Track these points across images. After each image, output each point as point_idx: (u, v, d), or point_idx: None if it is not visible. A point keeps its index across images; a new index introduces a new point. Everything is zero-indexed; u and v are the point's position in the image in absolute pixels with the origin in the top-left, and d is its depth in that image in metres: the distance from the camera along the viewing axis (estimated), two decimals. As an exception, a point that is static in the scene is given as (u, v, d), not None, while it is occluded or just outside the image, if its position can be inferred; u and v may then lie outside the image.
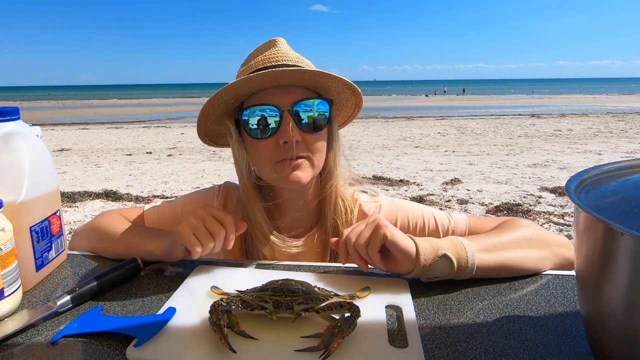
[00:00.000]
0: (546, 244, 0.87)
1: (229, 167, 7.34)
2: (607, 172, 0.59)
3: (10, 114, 0.81)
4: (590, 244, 0.48)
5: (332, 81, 0.94)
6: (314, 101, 0.93)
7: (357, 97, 1.02)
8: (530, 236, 0.87)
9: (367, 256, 0.78)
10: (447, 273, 0.78)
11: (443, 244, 0.78)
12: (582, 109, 19.67)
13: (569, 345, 0.62)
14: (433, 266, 0.76)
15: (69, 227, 4.14)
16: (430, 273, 0.77)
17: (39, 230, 0.83)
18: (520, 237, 0.86)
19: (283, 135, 0.90)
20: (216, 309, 0.64)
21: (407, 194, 5.33)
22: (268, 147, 0.93)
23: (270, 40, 1.01)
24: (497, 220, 0.99)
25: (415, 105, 27.09)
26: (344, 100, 1.03)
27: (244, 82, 0.87)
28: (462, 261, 0.77)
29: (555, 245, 0.88)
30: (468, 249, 0.78)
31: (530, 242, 0.85)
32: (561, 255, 0.87)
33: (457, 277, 0.79)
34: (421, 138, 10.93)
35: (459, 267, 0.77)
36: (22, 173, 0.79)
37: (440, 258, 0.76)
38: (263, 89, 0.93)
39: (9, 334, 0.65)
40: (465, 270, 0.78)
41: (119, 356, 0.60)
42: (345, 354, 0.58)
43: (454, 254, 0.77)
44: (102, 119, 20.11)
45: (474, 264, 0.78)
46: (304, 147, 0.93)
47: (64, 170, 7.32)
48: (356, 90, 0.98)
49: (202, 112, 0.94)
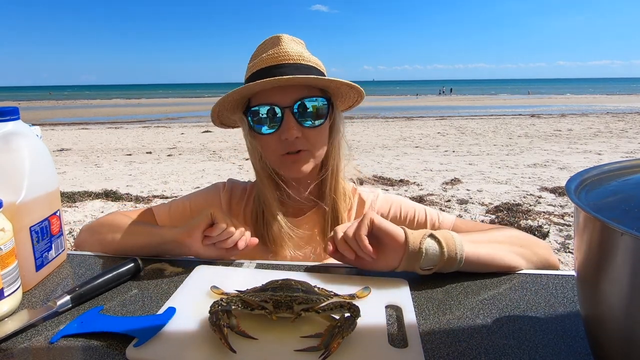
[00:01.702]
0: (528, 244, 0.92)
1: (228, 167, 7.35)
2: (607, 172, 0.59)
3: (10, 114, 0.81)
4: (590, 244, 0.48)
5: (328, 82, 0.99)
6: (313, 98, 0.99)
7: (356, 90, 1.05)
8: (515, 236, 0.93)
9: (355, 244, 0.81)
10: (438, 260, 0.80)
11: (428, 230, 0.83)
12: (582, 109, 19.69)
13: (569, 345, 0.63)
14: (422, 250, 0.78)
15: (69, 227, 4.14)
16: (420, 258, 0.79)
17: (39, 230, 0.83)
18: (505, 235, 0.92)
19: (284, 132, 0.97)
20: (216, 309, 0.64)
21: (407, 193, 5.33)
22: (272, 141, 1.01)
23: (275, 37, 1.05)
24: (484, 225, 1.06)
25: (415, 105, 27.11)
26: (345, 92, 1.07)
27: (246, 88, 0.95)
28: (450, 248, 0.80)
29: (537, 246, 0.93)
30: (457, 238, 0.81)
31: (513, 241, 0.90)
32: (541, 256, 0.92)
33: (448, 267, 0.81)
34: (421, 138, 10.94)
35: (449, 256, 0.79)
36: (22, 173, 0.79)
37: (429, 238, 0.80)
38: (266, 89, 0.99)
39: (8, 334, 0.65)
40: (455, 260, 0.80)
41: (119, 356, 0.60)
42: (345, 354, 0.58)
43: (442, 238, 0.80)
44: (102, 118, 20.15)
45: (463, 253, 0.80)
46: (305, 142, 1.00)
47: (64, 170, 7.32)
48: (354, 86, 1.02)
49: (213, 111, 1.03)
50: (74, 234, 3.92)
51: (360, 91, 1.06)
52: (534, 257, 0.91)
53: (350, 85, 1.01)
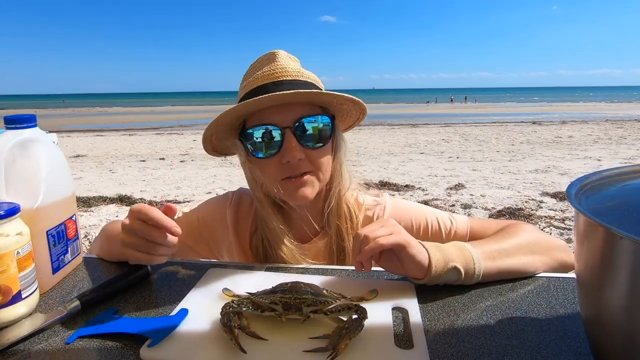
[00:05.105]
0: (546, 249, 0.89)
1: (240, 172, 7.31)
2: (606, 178, 0.60)
3: (27, 121, 0.82)
4: (590, 248, 0.49)
5: (331, 97, 0.92)
6: (315, 117, 0.93)
7: (359, 106, 1.00)
8: (532, 242, 0.88)
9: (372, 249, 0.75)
10: (454, 281, 0.80)
11: (453, 255, 0.78)
12: (582, 116, 19.60)
13: (570, 345, 0.64)
14: (442, 277, 0.78)
15: (84, 231, 4.16)
16: (437, 282, 0.79)
17: (56, 234, 0.85)
18: (523, 243, 0.87)
19: (286, 154, 0.90)
20: (227, 311, 0.65)
21: (412, 198, 5.33)
22: (272, 165, 0.93)
23: (270, 53, 0.99)
24: (499, 222, 1.00)
25: (420, 112, 27.05)
26: (348, 109, 1.03)
27: (242, 106, 0.87)
28: (469, 271, 0.79)
29: (555, 250, 0.90)
30: (475, 258, 0.79)
31: (532, 249, 0.87)
32: (560, 260, 0.89)
33: (463, 283, 0.81)
34: (426, 144, 10.92)
35: (466, 276, 0.79)
36: (39, 179, 0.81)
37: (450, 270, 0.77)
38: (263, 108, 0.91)
39: (23, 337, 0.66)
40: (471, 278, 0.79)
41: (133, 356, 0.62)
42: (353, 355, 0.59)
43: (463, 264, 0.78)
44: (117, 125, 20.25)
45: (480, 272, 0.80)
46: (308, 163, 0.93)
47: (80, 175, 7.36)
48: (357, 101, 0.97)
49: (205, 133, 0.94)
50: (90, 237, 3.95)
51: (363, 108, 1.01)
52: (553, 263, 0.88)
53: (353, 102, 0.96)
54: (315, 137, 0.93)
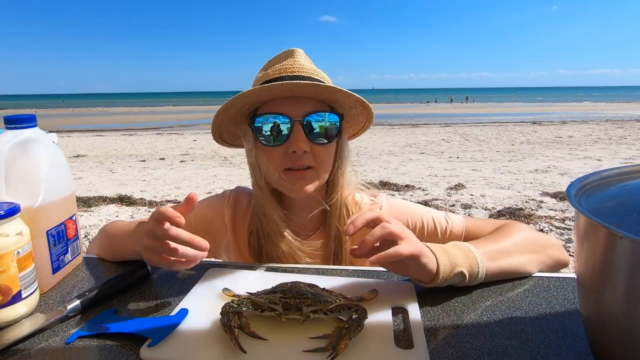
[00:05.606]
0: (542, 247, 0.91)
1: (240, 172, 7.35)
2: (606, 178, 0.60)
3: (27, 121, 0.82)
4: (590, 248, 0.49)
5: (344, 96, 0.95)
6: (325, 114, 0.96)
7: (368, 112, 1.03)
8: (528, 240, 0.90)
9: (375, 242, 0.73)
10: (457, 283, 0.80)
11: (459, 259, 0.78)
12: (582, 117, 19.61)
13: (570, 345, 0.64)
14: (447, 281, 0.78)
15: (84, 231, 4.17)
16: (441, 285, 0.79)
17: (56, 234, 0.85)
18: (520, 242, 0.88)
19: (292, 144, 0.93)
20: (227, 311, 0.65)
21: (412, 198, 5.33)
22: (277, 154, 0.95)
23: (289, 50, 1.03)
24: (494, 222, 1.01)
25: (420, 112, 27.04)
26: (355, 114, 1.05)
27: (258, 91, 0.89)
28: (473, 274, 0.79)
29: (550, 248, 0.92)
30: (479, 260, 0.80)
31: (529, 247, 0.88)
32: (555, 257, 0.92)
33: (465, 285, 0.81)
34: (426, 144, 10.93)
35: (469, 279, 0.79)
36: (39, 178, 0.81)
37: (456, 275, 0.78)
38: (276, 98, 0.95)
39: (23, 337, 0.66)
40: (474, 280, 0.80)
41: (133, 356, 0.62)
42: (353, 355, 0.59)
43: (468, 268, 0.78)
44: (117, 125, 20.27)
45: (484, 274, 0.80)
46: (312, 158, 0.95)
47: (80, 175, 7.36)
48: (367, 106, 0.99)
49: (216, 116, 0.97)
50: (90, 237, 3.95)
51: (371, 115, 1.03)
52: (549, 260, 0.90)
53: (363, 105, 0.98)
54: (322, 134, 0.96)
